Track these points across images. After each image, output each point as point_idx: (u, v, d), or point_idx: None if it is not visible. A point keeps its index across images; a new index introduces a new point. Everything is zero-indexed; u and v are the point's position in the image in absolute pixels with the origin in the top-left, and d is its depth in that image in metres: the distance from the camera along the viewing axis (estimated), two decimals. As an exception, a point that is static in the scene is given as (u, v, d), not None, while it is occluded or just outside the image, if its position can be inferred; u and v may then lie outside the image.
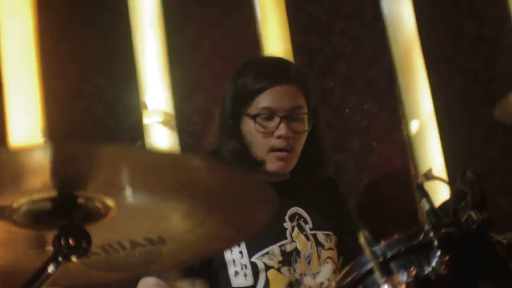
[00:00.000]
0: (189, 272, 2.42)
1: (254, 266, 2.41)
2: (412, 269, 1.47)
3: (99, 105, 3.35)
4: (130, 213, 1.46)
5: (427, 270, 1.50)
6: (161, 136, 3.40)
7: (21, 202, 1.37)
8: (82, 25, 3.40)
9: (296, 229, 2.52)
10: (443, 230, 1.55)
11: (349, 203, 2.79)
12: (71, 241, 1.41)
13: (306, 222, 2.55)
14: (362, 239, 1.52)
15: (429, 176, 1.86)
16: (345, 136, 3.27)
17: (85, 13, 3.42)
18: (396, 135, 3.18)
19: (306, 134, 2.54)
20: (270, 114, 2.48)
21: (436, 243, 1.52)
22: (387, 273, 1.50)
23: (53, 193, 1.37)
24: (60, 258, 1.41)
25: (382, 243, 1.56)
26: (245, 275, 2.41)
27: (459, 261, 1.52)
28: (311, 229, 2.54)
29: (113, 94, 3.39)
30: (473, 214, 1.61)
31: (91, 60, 3.37)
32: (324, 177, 2.71)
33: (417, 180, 1.83)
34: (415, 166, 3.16)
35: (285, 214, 2.53)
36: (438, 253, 1.50)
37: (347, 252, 2.51)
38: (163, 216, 1.46)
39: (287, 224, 2.52)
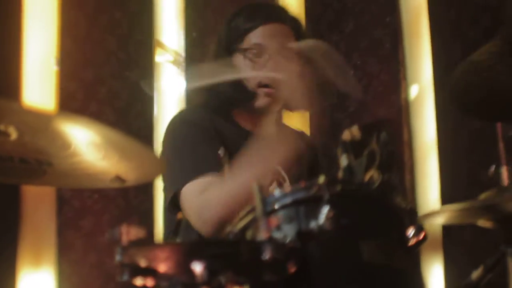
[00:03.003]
0: None
1: None
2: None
3: (112, 38, 3.43)
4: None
5: (313, 223, 1.52)
6: (169, 76, 3.48)
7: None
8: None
9: (274, 184, 2.55)
10: (338, 187, 1.57)
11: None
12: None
13: (284, 179, 2.58)
14: (254, 187, 1.55)
15: (353, 133, 1.88)
16: (343, 93, 3.26)
17: None
18: (394, 97, 3.17)
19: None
20: (259, 50, 2.52)
21: (327, 198, 1.53)
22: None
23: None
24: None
25: (279, 191, 1.59)
26: None
27: (346, 219, 1.54)
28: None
29: (127, 28, 3.45)
30: (375, 174, 1.63)
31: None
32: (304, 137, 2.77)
33: (342, 137, 1.85)
34: (409, 131, 3.14)
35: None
36: (326, 209, 1.52)
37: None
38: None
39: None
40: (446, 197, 3.07)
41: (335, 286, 1.48)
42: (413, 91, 3.18)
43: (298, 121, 3.11)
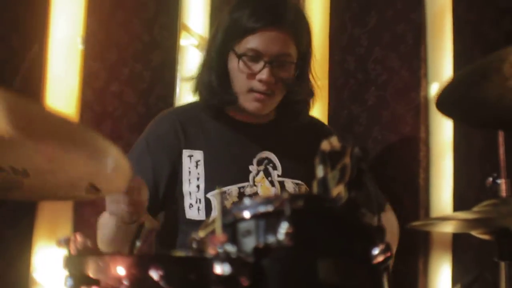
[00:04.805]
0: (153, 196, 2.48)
1: (207, 202, 2.44)
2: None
3: (137, 20, 3.44)
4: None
5: (272, 238, 1.51)
6: (193, 59, 3.48)
7: None
8: None
9: (261, 173, 2.55)
10: (300, 202, 1.56)
11: None
12: None
13: (275, 168, 2.57)
14: (216, 196, 1.55)
15: (332, 144, 1.86)
16: (363, 87, 3.23)
17: None
18: (413, 94, 3.11)
19: (289, 81, 2.54)
20: (256, 56, 2.49)
21: (288, 213, 1.52)
22: (231, 233, 1.53)
23: None
24: None
25: (244, 202, 1.59)
26: (198, 209, 2.46)
27: (306, 236, 1.53)
28: (279, 176, 2.57)
29: (153, 11, 3.46)
30: (343, 191, 1.61)
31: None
32: (313, 123, 2.75)
33: (321, 147, 1.82)
34: (426, 129, 3.09)
35: (254, 157, 2.56)
36: (286, 224, 1.51)
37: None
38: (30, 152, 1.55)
39: (253, 167, 2.55)
40: (459, 199, 3.03)
41: (287, 303, 1.48)
42: (433, 89, 3.12)
43: (317, 113, 3.10)
